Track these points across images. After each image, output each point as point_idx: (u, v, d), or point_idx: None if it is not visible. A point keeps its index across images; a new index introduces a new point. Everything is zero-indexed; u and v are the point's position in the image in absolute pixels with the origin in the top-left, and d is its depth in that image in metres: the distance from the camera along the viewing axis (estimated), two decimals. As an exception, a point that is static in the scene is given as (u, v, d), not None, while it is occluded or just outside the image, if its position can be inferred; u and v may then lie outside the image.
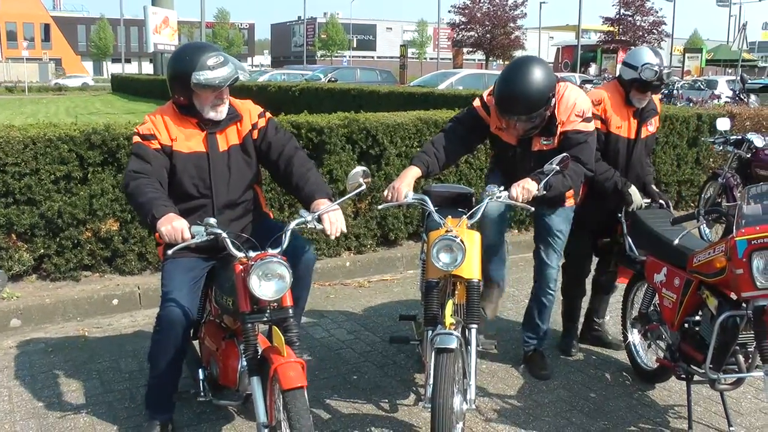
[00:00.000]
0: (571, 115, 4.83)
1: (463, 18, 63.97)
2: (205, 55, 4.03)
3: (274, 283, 3.65)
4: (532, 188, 4.43)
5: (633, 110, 5.36)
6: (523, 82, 4.57)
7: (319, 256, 7.64)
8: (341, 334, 6.14)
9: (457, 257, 4.06)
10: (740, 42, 33.67)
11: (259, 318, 3.79)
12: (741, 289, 3.98)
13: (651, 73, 5.11)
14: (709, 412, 4.96)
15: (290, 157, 4.35)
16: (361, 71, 37.43)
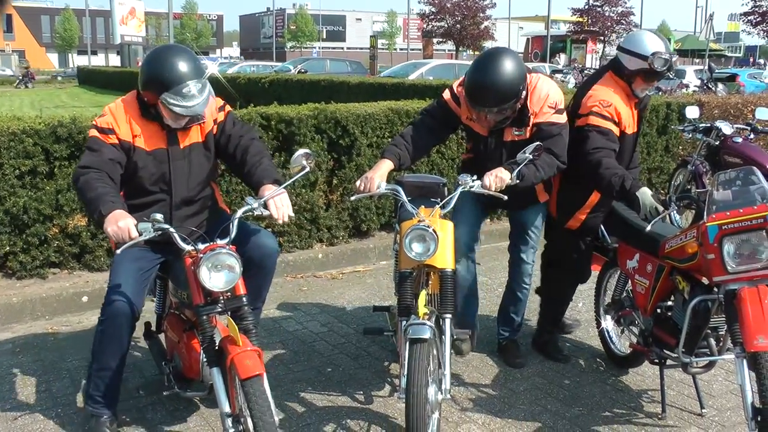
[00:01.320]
0: (543, 106, 4.79)
1: (432, 8, 63.92)
2: (184, 80, 3.90)
3: (224, 274, 3.67)
4: (505, 177, 4.41)
5: (635, 102, 5.06)
6: (494, 73, 4.54)
7: (291, 248, 7.61)
8: (315, 327, 6.11)
9: (430, 247, 4.04)
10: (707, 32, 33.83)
11: (212, 309, 3.79)
12: (713, 274, 4.01)
13: (662, 62, 4.78)
14: (681, 396, 5.01)
15: (246, 147, 4.32)
16: (330, 62, 37.37)
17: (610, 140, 4.80)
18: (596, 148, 4.74)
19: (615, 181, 4.63)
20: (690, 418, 4.73)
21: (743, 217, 3.89)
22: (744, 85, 28.41)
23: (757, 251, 3.90)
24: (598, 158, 4.70)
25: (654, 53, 4.75)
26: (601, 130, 4.79)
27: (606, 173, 4.66)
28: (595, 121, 4.80)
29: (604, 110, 4.81)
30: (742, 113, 11.91)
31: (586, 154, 4.76)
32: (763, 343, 3.69)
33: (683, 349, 4.36)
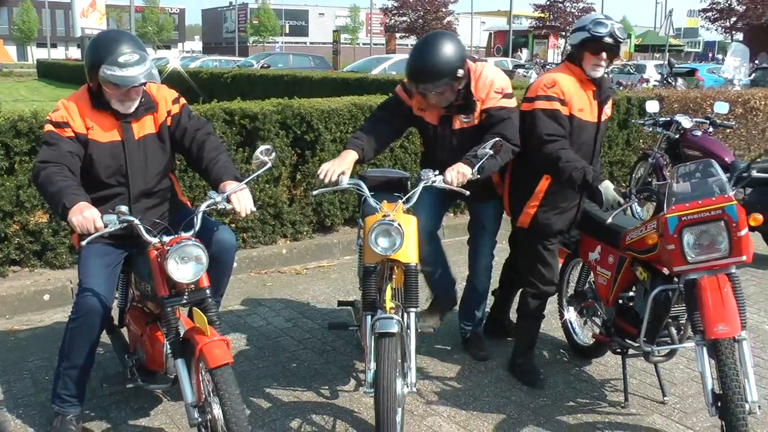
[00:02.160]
0: (489, 92, 4.79)
1: (395, 3, 64.03)
2: (120, 49, 3.92)
3: (192, 265, 3.69)
4: (466, 172, 4.43)
5: (592, 89, 4.84)
6: (429, 51, 4.61)
7: (255, 244, 7.60)
8: (279, 322, 6.11)
9: (396, 241, 4.06)
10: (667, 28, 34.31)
11: (177, 301, 3.82)
12: (673, 264, 4.09)
13: (602, 27, 4.61)
14: (644, 384, 5.08)
15: (202, 142, 4.33)
16: (294, 57, 37.28)
17: (560, 123, 4.69)
18: (549, 135, 4.64)
19: (576, 175, 4.54)
20: (652, 406, 4.80)
21: (702, 208, 3.97)
22: (703, 79, 28.71)
23: (715, 241, 3.98)
24: (556, 150, 4.60)
25: (593, 20, 4.69)
26: (547, 113, 4.68)
27: (567, 167, 4.56)
28: (541, 104, 4.71)
29: (549, 91, 4.71)
30: (701, 107, 12.07)
31: (539, 142, 4.65)
32: (722, 331, 3.77)
33: (645, 339, 4.43)
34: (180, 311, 3.95)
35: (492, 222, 5.32)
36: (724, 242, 3.98)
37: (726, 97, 12.29)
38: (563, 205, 4.92)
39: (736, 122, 12.28)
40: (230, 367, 3.59)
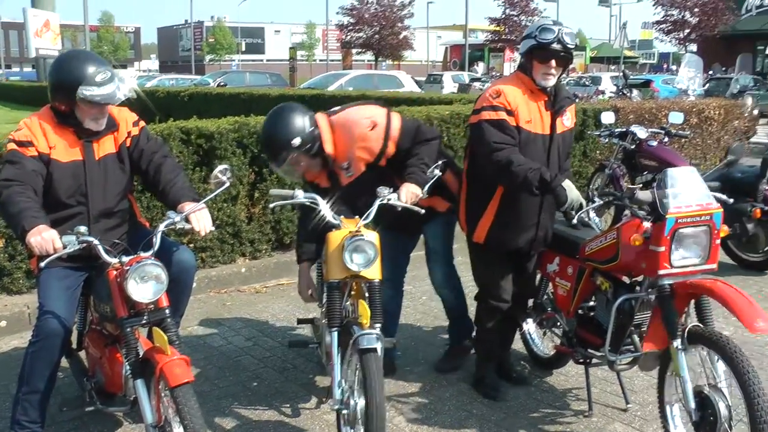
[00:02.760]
0: (368, 142, 4.69)
1: (351, 19, 64.05)
2: (94, 69, 3.96)
3: (151, 285, 3.69)
4: (417, 192, 4.46)
5: (544, 100, 4.64)
6: (265, 131, 4.76)
7: (214, 263, 7.56)
8: (239, 341, 6.08)
9: (371, 257, 4.08)
10: (621, 40, 34.74)
11: (137, 321, 3.81)
12: (657, 268, 4.04)
13: (548, 33, 4.43)
14: (605, 393, 5.12)
15: (159, 164, 4.34)
16: (250, 75, 37.24)
17: (508, 133, 4.52)
18: (497, 143, 4.48)
19: (532, 176, 4.39)
20: (614, 414, 4.84)
21: (698, 212, 4.00)
22: (658, 90, 29.11)
23: (700, 247, 4.05)
24: (506, 156, 4.43)
25: (539, 26, 4.51)
26: (493, 123, 4.52)
27: (520, 170, 4.40)
28: (487, 115, 4.55)
29: (494, 101, 4.55)
30: (657, 117, 12.24)
31: (488, 151, 4.50)
32: (762, 326, 3.75)
33: (609, 348, 4.45)
34: (139, 332, 3.93)
35: (437, 240, 5.36)
36: (706, 249, 4.05)
37: (681, 108, 12.45)
38: (520, 222, 4.79)
39: (692, 132, 12.44)
40: (191, 386, 3.58)
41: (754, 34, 51.46)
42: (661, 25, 57.47)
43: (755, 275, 7.99)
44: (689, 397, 3.93)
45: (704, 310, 4.14)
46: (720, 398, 3.87)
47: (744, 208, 7.77)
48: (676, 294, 4.08)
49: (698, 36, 54.32)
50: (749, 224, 7.92)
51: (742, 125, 15.63)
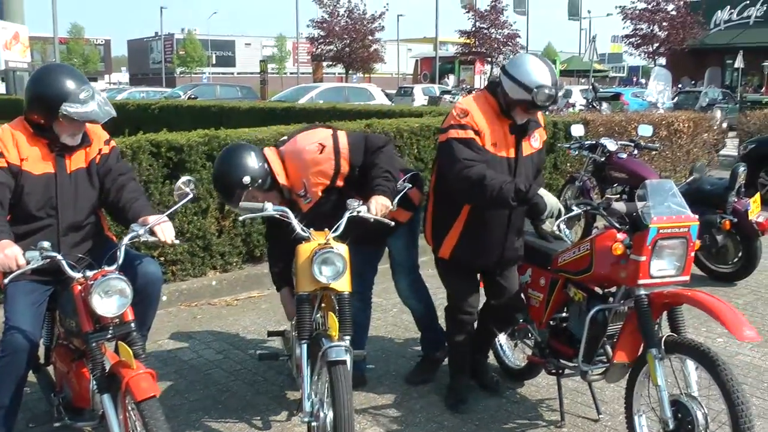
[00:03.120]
0: (321, 166, 4.67)
1: (321, 32, 63.96)
2: (77, 86, 3.98)
3: (116, 299, 3.68)
4: (387, 204, 4.45)
5: (509, 123, 4.65)
6: (215, 175, 4.78)
7: (184, 276, 7.51)
8: (210, 355, 6.04)
9: (339, 269, 4.08)
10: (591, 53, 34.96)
11: (103, 336, 3.79)
12: (637, 278, 4.07)
13: (545, 96, 4.43)
14: (575, 403, 5.14)
15: (123, 185, 4.36)
16: (221, 88, 37.13)
17: (476, 150, 4.53)
18: (468, 159, 4.48)
19: (507, 188, 4.39)
20: (585, 425, 4.86)
21: (678, 224, 4.04)
22: (628, 103, 29.33)
23: (676, 258, 4.09)
24: (479, 171, 4.43)
25: (539, 86, 4.41)
26: (462, 141, 4.54)
27: (494, 183, 4.39)
28: (455, 133, 4.57)
29: (462, 120, 4.57)
30: (626, 130, 12.33)
31: (459, 168, 4.48)
32: (750, 335, 3.82)
33: (582, 359, 4.48)
34: (105, 346, 3.91)
35: (401, 251, 5.40)
36: (682, 260, 4.10)
37: (650, 120, 12.54)
38: (485, 241, 4.79)
39: (661, 144, 12.55)
40: (157, 399, 3.56)
41: (723, 48, 52.15)
42: (630, 38, 57.91)
43: (725, 286, 8.04)
44: (665, 406, 3.95)
45: (677, 321, 4.19)
46: (698, 407, 3.90)
47: (713, 219, 7.85)
48: (652, 304, 4.11)
49: (667, 50, 54.82)
50: (719, 236, 8.01)
51: (711, 138, 15.77)
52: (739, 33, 52.59)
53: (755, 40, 48.99)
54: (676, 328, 4.18)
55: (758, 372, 5.71)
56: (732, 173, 7.99)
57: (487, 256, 4.85)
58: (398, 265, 5.44)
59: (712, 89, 31.62)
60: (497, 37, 62.28)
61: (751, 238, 7.96)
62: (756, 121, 17.34)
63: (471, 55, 61.32)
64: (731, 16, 55.65)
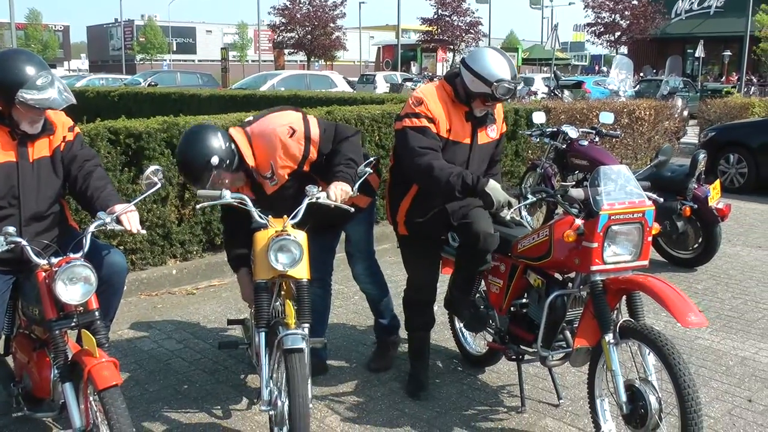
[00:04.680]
0: (289, 149, 4.63)
1: (283, 19, 63.76)
2: (35, 72, 3.89)
3: (80, 286, 3.64)
4: (348, 190, 4.42)
5: (464, 110, 4.72)
6: (180, 158, 4.65)
7: (144, 265, 7.44)
8: (170, 344, 5.99)
9: (296, 257, 4.04)
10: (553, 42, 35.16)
11: (66, 324, 3.75)
12: (590, 264, 4.09)
13: (505, 90, 4.50)
14: (536, 389, 5.17)
15: (90, 172, 4.30)
16: (181, 75, 36.90)
17: (431, 138, 4.60)
18: (421, 147, 4.55)
19: (454, 181, 4.48)
20: (546, 409, 4.89)
21: (630, 209, 4.05)
22: (590, 91, 29.53)
23: (632, 244, 4.10)
24: (428, 161, 4.52)
25: (499, 80, 4.48)
26: (416, 129, 4.61)
27: (441, 174, 4.49)
28: (409, 122, 4.64)
29: (416, 109, 4.64)
30: (588, 118, 12.41)
31: (412, 156, 4.58)
32: (694, 320, 3.82)
33: (542, 344, 4.49)
34: (68, 335, 3.86)
35: (360, 236, 5.38)
36: (638, 246, 4.11)
37: (612, 108, 12.65)
38: (430, 207, 4.82)
39: (622, 132, 12.63)
40: (119, 389, 3.52)
41: (684, 38, 52.75)
42: (592, 27, 58.36)
43: (685, 272, 8.14)
44: (620, 390, 3.97)
45: (636, 306, 4.20)
46: (651, 391, 3.92)
47: (674, 206, 7.92)
48: (608, 290, 4.12)
49: (629, 39, 55.35)
50: (679, 222, 8.08)
51: (672, 126, 15.92)
52: (700, 23, 53.17)
53: (715, 30, 49.54)
54: (634, 313, 4.20)
55: (717, 356, 5.78)
56: (692, 160, 8.07)
57: (434, 223, 4.86)
58: (357, 250, 5.43)
59: (673, 78, 31.82)
60: (459, 25, 62.56)
61: (711, 224, 8.03)
62: (716, 110, 17.57)
63: (433, 43, 61.52)
64: (692, 6, 56.21)
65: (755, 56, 31.74)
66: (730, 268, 8.34)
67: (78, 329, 3.79)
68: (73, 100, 4.06)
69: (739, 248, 9.28)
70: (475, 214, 4.69)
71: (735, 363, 5.67)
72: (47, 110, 4.09)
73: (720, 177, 12.19)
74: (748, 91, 32.48)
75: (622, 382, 3.98)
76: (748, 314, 6.80)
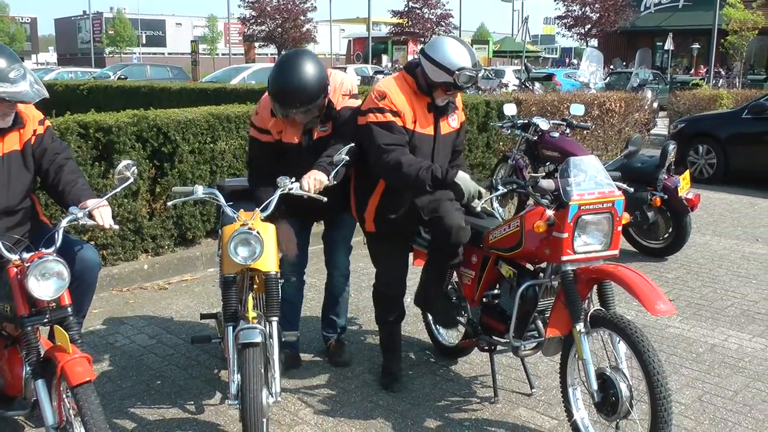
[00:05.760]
0: (339, 96, 4.82)
1: (253, 12, 63.44)
2: (6, 64, 3.85)
3: (53, 281, 3.60)
4: (323, 179, 4.43)
5: (427, 101, 4.72)
6: (298, 73, 4.52)
7: (116, 261, 7.39)
8: (143, 340, 5.96)
9: (256, 250, 4.02)
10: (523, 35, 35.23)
11: (39, 320, 3.70)
12: (561, 254, 4.12)
13: (466, 78, 4.51)
14: (509, 379, 5.21)
15: (61, 165, 4.28)
16: (151, 68, 36.64)
17: (397, 132, 4.59)
18: (387, 145, 4.53)
19: (424, 175, 4.46)
20: (519, 399, 4.92)
21: (600, 199, 4.08)
22: (560, 84, 29.63)
23: (602, 234, 4.14)
24: (396, 158, 4.50)
25: (460, 69, 4.49)
26: (381, 125, 4.58)
27: (410, 170, 4.47)
28: (373, 116, 4.61)
29: (380, 103, 4.61)
30: (559, 110, 12.46)
31: (379, 153, 4.55)
32: (663, 308, 3.84)
33: (513, 334, 4.52)
34: (40, 332, 3.82)
35: (347, 230, 5.36)
36: (608, 236, 4.14)
37: (582, 100, 12.72)
38: (400, 204, 4.81)
39: (593, 123, 12.69)
40: (93, 385, 3.50)
41: (653, 31, 53.03)
42: (562, 20, 58.50)
43: (656, 261, 8.23)
44: (591, 379, 4.00)
45: (606, 295, 4.23)
46: (621, 379, 3.97)
47: (644, 196, 7.99)
48: (579, 279, 4.15)
49: (599, 31, 55.53)
50: (650, 212, 8.16)
51: (642, 118, 16.04)
52: (669, 16, 53.45)
53: (684, 23, 49.83)
54: (605, 302, 4.23)
55: (687, 343, 5.84)
56: (662, 151, 8.14)
57: (405, 220, 4.87)
58: (344, 240, 5.39)
59: (642, 70, 32.02)
60: (430, 18, 62.43)
61: (681, 214, 8.11)
62: (685, 101, 17.72)
63: (404, 36, 61.39)
64: (661, -1, 56.55)
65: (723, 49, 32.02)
66: (700, 257, 8.43)
67: (50, 325, 3.75)
68: (45, 94, 4.03)
69: (708, 237, 9.38)
70: (446, 207, 4.69)
71: (705, 350, 5.74)
72: (18, 104, 4.06)
73: (689, 168, 12.27)
74: (716, 83, 32.73)
75: (593, 370, 4.02)
76: (717, 302, 6.87)
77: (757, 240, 9.37)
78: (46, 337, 3.98)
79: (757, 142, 13.04)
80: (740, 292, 7.23)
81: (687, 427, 4.60)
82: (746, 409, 4.84)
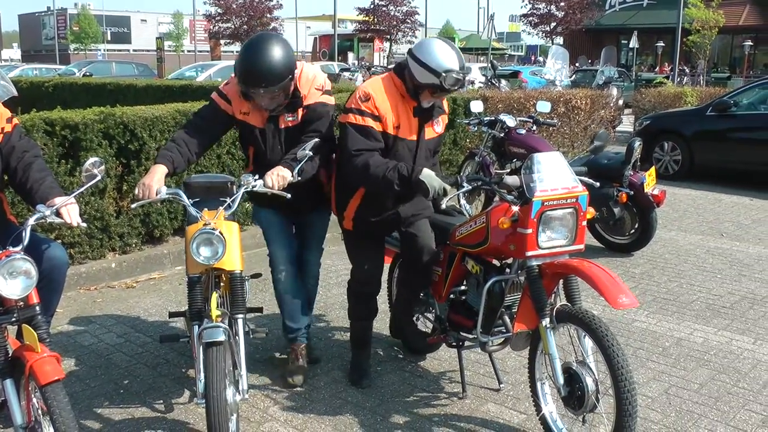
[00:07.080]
0: (311, 89, 4.78)
1: (218, 9, 63.18)
2: None
3: (21, 280, 3.57)
4: (287, 176, 4.42)
5: (413, 105, 4.68)
6: (266, 54, 4.49)
7: (83, 259, 7.34)
8: (111, 339, 5.93)
9: (218, 250, 4.02)
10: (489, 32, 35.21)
11: (6, 319, 3.68)
12: (526, 249, 4.13)
13: (453, 81, 4.48)
14: (478, 375, 5.24)
15: (29, 163, 4.25)
16: (117, 65, 36.45)
17: (372, 139, 4.57)
18: (358, 150, 4.53)
19: (391, 175, 4.47)
20: (487, 395, 4.96)
21: (563, 195, 4.11)
22: (526, 81, 29.74)
23: (566, 229, 4.17)
24: (363, 161, 4.50)
25: (447, 71, 4.45)
26: (358, 128, 4.57)
27: (378, 171, 4.48)
28: (353, 118, 4.59)
29: (362, 105, 4.58)
30: (525, 107, 12.52)
31: (349, 156, 4.55)
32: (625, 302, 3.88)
33: (481, 330, 4.54)
34: (7, 331, 3.78)
35: (320, 229, 5.33)
36: (573, 231, 4.17)
37: (549, 97, 12.78)
38: (382, 208, 4.82)
39: (559, 120, 12.78)
40: (62, 384, 3.47)
41: (618, 29, 53.46)
42: (528, 18, 58.74)
43: (622, 257, 8.31)
44: (558, 373, 4.05)
45: (572, 290, 4.27)
46: (587, 373, 4.01)
47: (610, 192, 8.07)
48: (544, 274, 4.19)
49: (564, 29, 55.85)
50: (616, 208, 8.23)
51: (608, 115, 16.17)
52: (634, 14, 53.82)
53: (649, 22, 50.17)
54: (571, 297, 4.27)
55: (654, 337, 5.91)
56: (628, 148, 8.22)
57: (385, 225, 4.90)
58: (319, 239, 5.37)
59: (608, 68, 32.19)
60: (396, 15, 62.52)
61: (647, 210, 8.19)
62: (650, 99, 17.88)
63: (370, 33, 61.43)
64: (626, -2, 56.94)
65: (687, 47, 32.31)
66: (666, 253, 8.53)
67: (18, 324, 3.72)
68: (14, 92, 4.00)
69: (674, 233, 9.48)
70: (422, 226, 4.84)
71: (671, 344, 5.81)
72: None
73: (655, 164, 12.44)
74: (681, 81, 32.98)
75: (559, 365, 4.06)
76: (683, 297, 6.96)
77: (722, 235, 9.50)
78: (14, 337, 3.94)
79: (721, 139, 13.21)
80: (705, 286, 7.33)
81: (654, 419, 4.65)
82: (712, 401, 4.91)
